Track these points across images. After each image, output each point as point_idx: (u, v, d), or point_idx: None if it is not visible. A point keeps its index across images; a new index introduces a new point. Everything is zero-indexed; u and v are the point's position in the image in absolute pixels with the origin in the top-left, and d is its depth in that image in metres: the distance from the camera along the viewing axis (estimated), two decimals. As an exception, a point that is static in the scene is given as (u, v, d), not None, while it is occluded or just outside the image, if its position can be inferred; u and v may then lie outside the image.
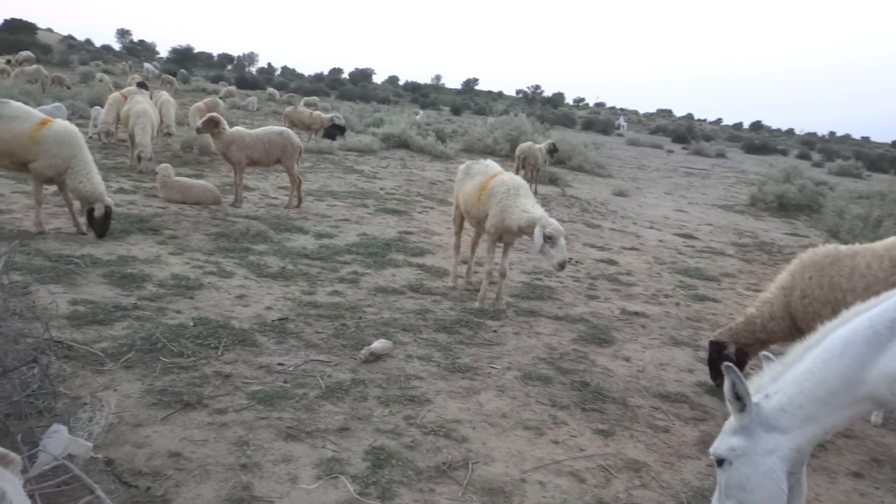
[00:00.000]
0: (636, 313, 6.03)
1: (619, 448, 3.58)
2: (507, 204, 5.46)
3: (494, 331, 5.17)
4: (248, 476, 2.92)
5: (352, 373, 4.09)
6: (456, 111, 53.80)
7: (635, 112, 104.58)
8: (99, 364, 3.77)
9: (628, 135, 46.72)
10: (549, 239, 5.09)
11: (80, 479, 2.58)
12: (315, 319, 4.91)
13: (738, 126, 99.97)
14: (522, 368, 4.46)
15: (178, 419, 3.32)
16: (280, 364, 4.09)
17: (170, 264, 5.80)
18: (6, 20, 77.56)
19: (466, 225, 6.35)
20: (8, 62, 28.44)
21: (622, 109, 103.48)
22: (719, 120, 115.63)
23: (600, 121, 53.60)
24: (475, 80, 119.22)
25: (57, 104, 11.90)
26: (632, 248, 9.09)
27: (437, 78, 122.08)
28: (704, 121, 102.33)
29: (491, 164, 6.08)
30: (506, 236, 5.65)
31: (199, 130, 8.64)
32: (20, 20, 75.03)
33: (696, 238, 10.48)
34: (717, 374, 4.42)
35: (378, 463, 3.12)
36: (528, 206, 5.40)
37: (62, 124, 6.18)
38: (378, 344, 4.38)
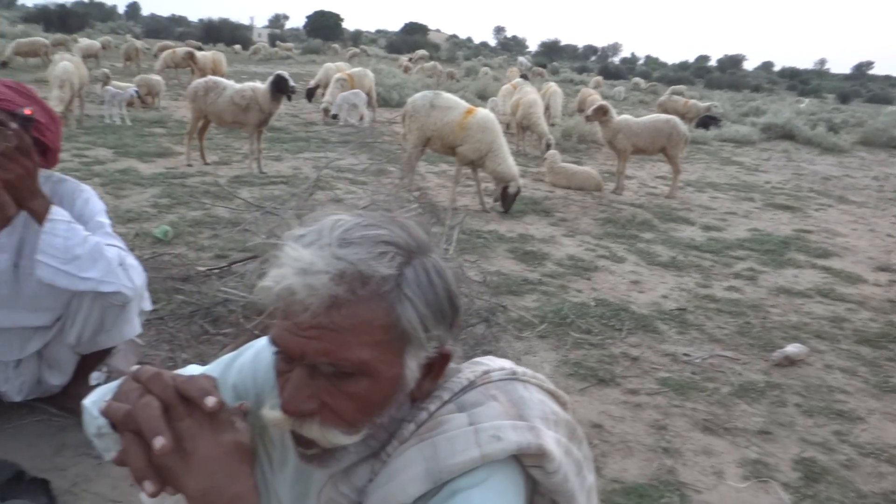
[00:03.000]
0: None
1: None
2: None
3: (933, 352, 4.42)
4: (671, 460, 2.91)
5: (764, 374, 3.84)
6: (843, 99, 47.64)
7: None
8: (517, 331, 4.12)
9: None
10: None
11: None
12: (714, 313, 4.73)
13: None
14: (980, 401, 3.74)
15: (595, 393, 3.47)
16: (685, 354, 4.02)
17: (563, 245, 6.11)
18: (406, 24, 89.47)
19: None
20: (409, 60, 32.96)
21: None
22: None
23: None
24: (868, 64, 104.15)
25: (355, 91, 13.22)
26: None
27: (821, 62, 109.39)
28: None
29: None
30: None
31: (588, 119, 8.92)
32: (416, 23, 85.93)
33: None
34: None
35: (811, 476, 2.88)
36: None
37: (484, 113, 6.89)
38: (793, 348, 4.05)
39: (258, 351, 1.24)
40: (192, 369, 1.33)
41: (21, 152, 1.98)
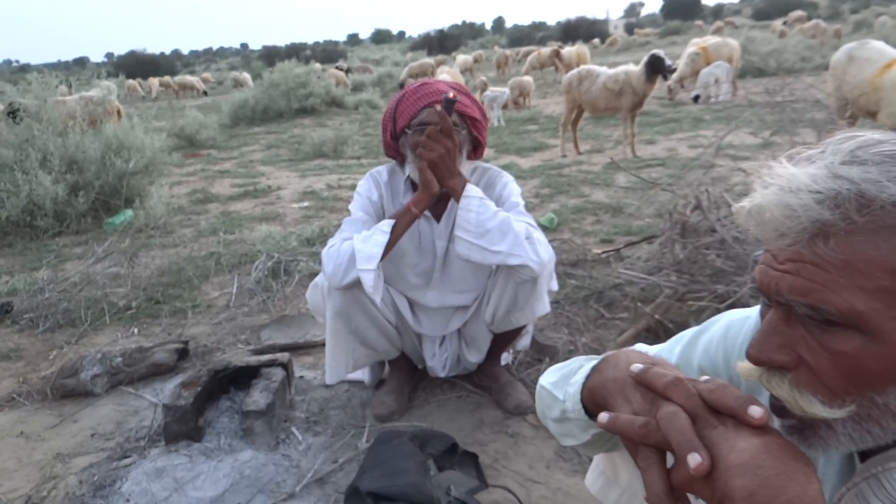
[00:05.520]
0: None
1: None
2: None
3: None
4: None
5: None
6: None
7: None
8: None
9: None
10: None
11: None
12: None
13: None
14: None
15: None
16: None
17: None
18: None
19: None
20: (784, 23, 29.95)
21: None
22: None
23: None
24: None
25: (717, 63, 11.85)
26: None
27: None
28: None
29: None
30: None
31: None
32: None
33: None
34: None
35: None
36: None
37: (906, 64, 5.59)
38: None
39: (728, 326, 1.02)
40: (641, 348, 1.18)
41: (443, 133, 2.08)
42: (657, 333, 2.98)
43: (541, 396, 1.07)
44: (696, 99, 11.91)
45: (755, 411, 0.67)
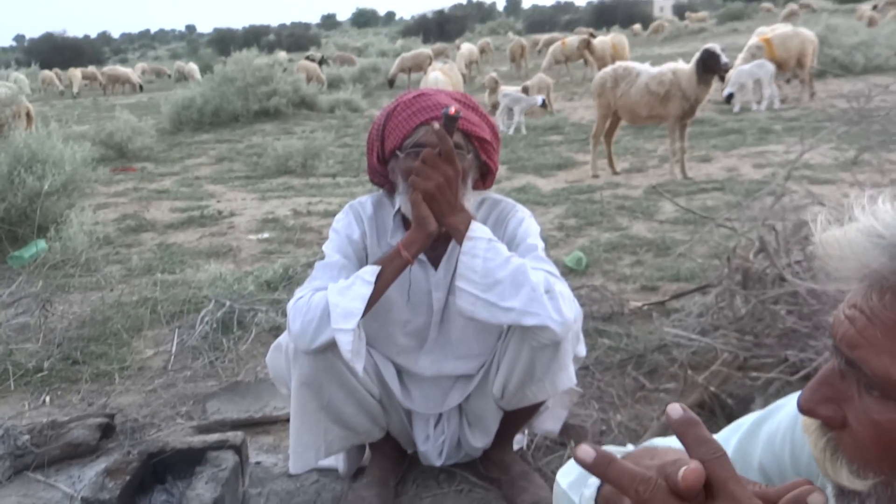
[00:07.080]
0: None
1: None
2: None
3: None
4: None
5: None
6: None
7: None
8: None
9: None
10: None
11: None
12: None
13: None
14: None
15: None
16: None
17: None
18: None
19: None
20: (874, 8, 30.37)
21: None
22: None
23: None
24: None
25: (759, 61, 12.21)
26: None
27: None
28: None
29: None
30: None
31: None
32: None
33: None
34: None
35: None
36: None
37: None
38: None
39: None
40: (658, 443, 1.19)
41: (443, 158, 2.10)
42: (712, 409, 2.98)
43: (557, 497, 1.08)
44: (729, 98, 12.19)
45: None
